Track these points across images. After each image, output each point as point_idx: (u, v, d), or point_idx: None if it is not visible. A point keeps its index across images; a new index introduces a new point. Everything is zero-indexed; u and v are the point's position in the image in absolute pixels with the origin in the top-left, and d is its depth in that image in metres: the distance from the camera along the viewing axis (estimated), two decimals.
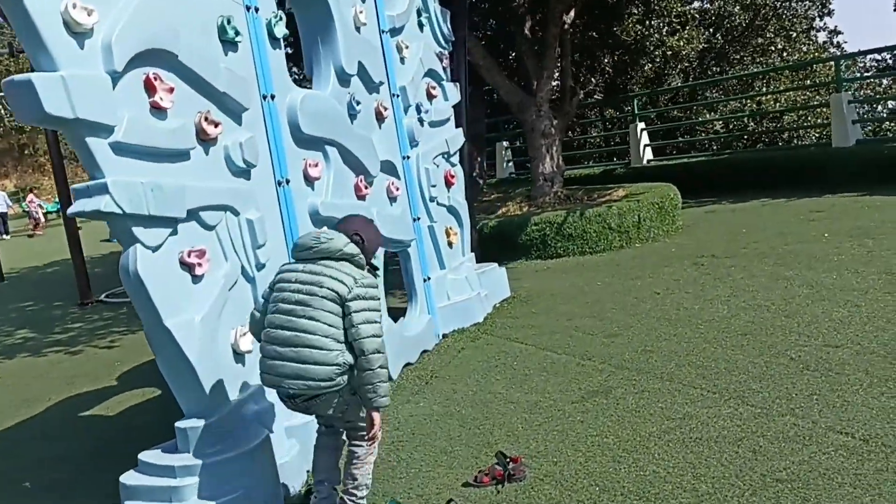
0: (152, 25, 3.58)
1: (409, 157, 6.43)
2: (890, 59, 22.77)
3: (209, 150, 3.99)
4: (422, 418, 4.77)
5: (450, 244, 7.08)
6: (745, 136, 18.84)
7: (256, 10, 4.52)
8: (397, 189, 6.10)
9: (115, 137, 3.35)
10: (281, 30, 4.69)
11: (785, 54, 20.86)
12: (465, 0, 9.82)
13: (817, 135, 17.54)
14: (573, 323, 6.46)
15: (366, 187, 5.55)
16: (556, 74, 12.64)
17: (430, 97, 7.09)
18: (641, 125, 16.25)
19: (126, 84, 3.47)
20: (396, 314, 6.33)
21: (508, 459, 3.83)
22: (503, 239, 10.11)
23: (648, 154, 16.11)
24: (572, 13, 11.86)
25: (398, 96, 6.35)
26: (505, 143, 19.35)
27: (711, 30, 20.53)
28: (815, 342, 5.11)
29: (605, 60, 20.41)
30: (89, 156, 3.28)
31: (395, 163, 6.13)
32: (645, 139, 16.09)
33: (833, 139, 12.80)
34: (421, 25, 7.10)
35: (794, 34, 20.96)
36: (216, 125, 3.99)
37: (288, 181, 4.65)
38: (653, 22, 16.49)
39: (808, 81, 19.31)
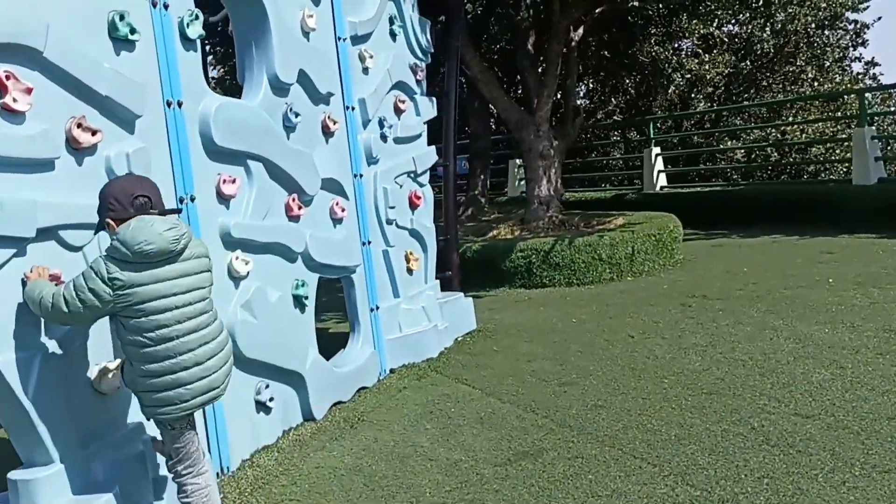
0: (8, 17, 3.12)
1: (362, 176, 5.93)
2: None
3: (83, 161, 3.53)
4: (327, 472, 4.25)
5: (409, 271, 6.57)
6: (769, 167, 18.12)
7: (166, 6, 4.07)
8: (343, 210, 5.61)
9: None
10: (196, 30, 4.24)
11: (816, 84, 20.10)
12: (460, 10, 9.36)
13: (844, 170, 16.78)
14: (531, 365, 5.90)
15: (299, 207, 5.07)
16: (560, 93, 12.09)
17: (398, 111, 6.60)
18: (656, 150, 15.63)
19: None
20: (334, 342, 5.85)
21: None
22: (487, 264, 9.58)
23: (662, 180, 15.49)
24: (581, 30, 11.33)
25: (354, 109, 5.87)
26: (518, 161, 18.78)
27: (741, 54, 19.84)
28: (785, 409, 4.51)
29: (627, 81, 19.84)
30: None
31: (343, 181, 5.64)
32: (660, 164, 15.47)
33: (854, 176, 12.11)
34: (393, 35, 6.62)
35: (827, 63, 20.19)
36: (93, 133, 3.53)
37: (193, 198, 4.18)
38: (673, 44, 15.91)
39: (840, 113, 18.54)
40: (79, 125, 3.47)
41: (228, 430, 4.34)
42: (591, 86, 21.38)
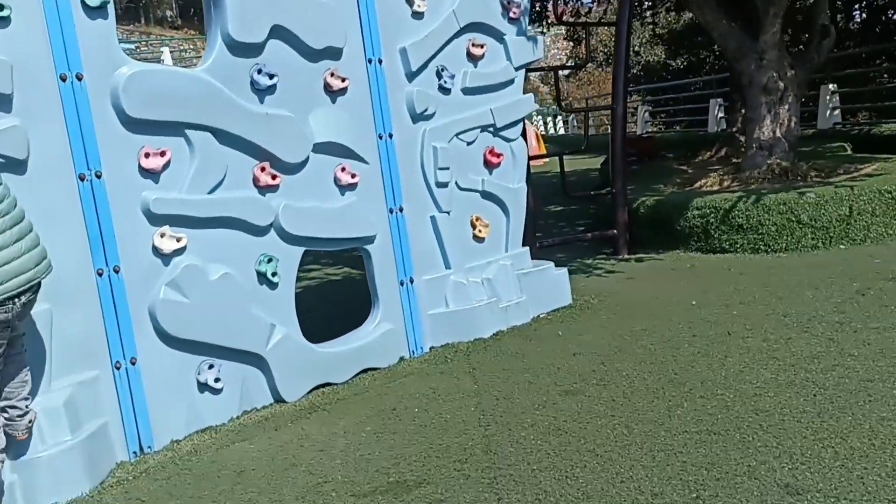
0: None
1: (392, 136, 5.34)
2: None
3: None
4: (206, 469, 3.94)
5: (476, 238, 5.85)
6: None
7: None
8: (354, 176, 5.12)
9: None
10: None
11: None
12: None
13: None
14: (567, 362, 4.94)
15: (274, 177, 4.71)
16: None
17: (472, 58, 5.82)
18: None
19: None
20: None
21: None
22: (660, 223, 8.24)
23: None
24: None
25: (381, 62, 5.27)
26: (831, 87, 15.85)
27: None
28: None
29: None
30: None
31: (356, 144, 5.12)
32: None
33: None
34: None
35: None
36: None
37: (99, 174, 4.07)
38: None
39: None
40: None
41: (150, 407, 4.26)
42: None
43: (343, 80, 5.05)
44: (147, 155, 4.23)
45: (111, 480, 3.95)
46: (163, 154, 4.29)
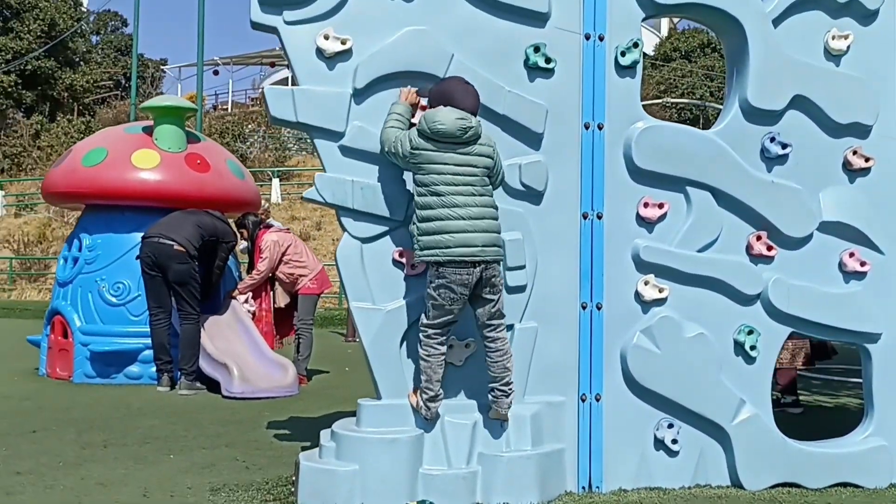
0: (411, 52, 4.13)
1: None
2: None
3: None
4: None
5: None
6: None
7: (601, 38, 4.40)
8: (864, 264, 4.61)
9: (342, 141, 4.10)
10: (631, 58, 4.40)
11: None
12: None
13: None
14: None
15: (769, 248, 4.50)
16: None
17: None
18: None
19: (376, 100, 4.14)
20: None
21: None
22: None
23: None
24: None
25: None
26: None
27: None
28: None
29: None
30: (320, 153, 4.15)
31: (872, 231, 4.62)
32: None
33: None
34: None
35: None
36: None
37: (600, 216, 4.36)
38: None
39: None
40: None
41: (605, 447, 4.29)
42: None
43: (867, 159, 4.66)
44: (646, 204, 4.41)
45: (557, 503, 4.05)
46: (661, 206, 4.42)
